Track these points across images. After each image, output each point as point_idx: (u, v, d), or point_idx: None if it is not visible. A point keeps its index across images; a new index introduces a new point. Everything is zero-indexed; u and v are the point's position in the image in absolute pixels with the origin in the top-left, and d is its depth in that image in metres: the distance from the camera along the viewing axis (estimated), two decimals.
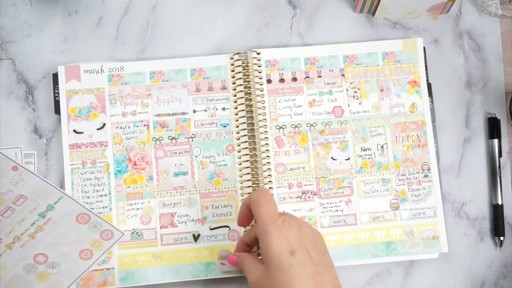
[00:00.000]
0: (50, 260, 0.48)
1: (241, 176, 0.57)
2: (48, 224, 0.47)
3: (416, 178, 0.58)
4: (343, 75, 0.59)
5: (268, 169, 0.57)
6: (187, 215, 0.57)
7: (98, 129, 0.58)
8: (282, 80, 0.59)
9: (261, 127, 0.58)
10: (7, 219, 0.46)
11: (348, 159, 0.58)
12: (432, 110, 0.60)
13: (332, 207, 0.57)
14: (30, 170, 0.50)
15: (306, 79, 0.59)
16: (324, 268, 0.43)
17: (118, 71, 0.58)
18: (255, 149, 0.57)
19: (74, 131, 0.57)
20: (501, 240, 0.59)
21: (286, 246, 0.43)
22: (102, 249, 0.50)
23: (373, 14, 0.61)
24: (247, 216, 0.49)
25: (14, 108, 0.59)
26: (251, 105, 0.58)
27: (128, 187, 0.57)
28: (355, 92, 0.59)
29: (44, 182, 0.46)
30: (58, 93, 0.58)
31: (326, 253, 0.45)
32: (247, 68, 0.58)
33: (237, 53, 0.59)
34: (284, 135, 0.58)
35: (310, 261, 0.43)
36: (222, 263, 0.56)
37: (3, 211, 0.46)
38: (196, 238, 0.56)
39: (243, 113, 0.58)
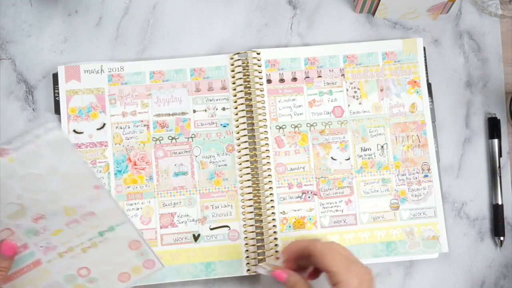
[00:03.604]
0: (91, 275, 0.48)
1: (241, 176, 0.57)
2: (103, 242, 0.47)
3: (416, 178, 0.58)
4: (343, 75, 0.59)
5: (268, 169, 0.57)
6: (187, 215, 0.57)
7: (98, 129, 0.57)
8: (282, 80, 0.59)
9: (261, 127, 0.58)
10: (70, 230, 0.46)
11: (348, 159, 0.58)
12: (432, 110, 0.60)
13: (332, 207, 0.57)
14: (109, 193, 0.51)
15: (306, 79, 0.59)
16: None
17: (118, 71, 0.58)
18: (255, 149, 0.57)
19: (74, 131, 0.57)
20: (501, 240, 0.59)
21: None
22: (140, 275, 0.50)
23: (373, 14, 0.61)
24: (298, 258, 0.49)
25: (14, 108, 0.59)
26: (251, 105, 0.58)
27: (128, 187, 0.57)
28: (355, 92, 0.59)
29: (116, 205, 0.45)
30: (58, 93, 0.58)
31: None
32: (247, 68, 0.58)
33: (237, 53, 0.59)
34: (284, 135, 0.58)
35: None
36: (263, 267, 0.51)
37: (70, 222, 0.45)
38: (196, 238, 0.56)
39: (243, 113, 0.58)
